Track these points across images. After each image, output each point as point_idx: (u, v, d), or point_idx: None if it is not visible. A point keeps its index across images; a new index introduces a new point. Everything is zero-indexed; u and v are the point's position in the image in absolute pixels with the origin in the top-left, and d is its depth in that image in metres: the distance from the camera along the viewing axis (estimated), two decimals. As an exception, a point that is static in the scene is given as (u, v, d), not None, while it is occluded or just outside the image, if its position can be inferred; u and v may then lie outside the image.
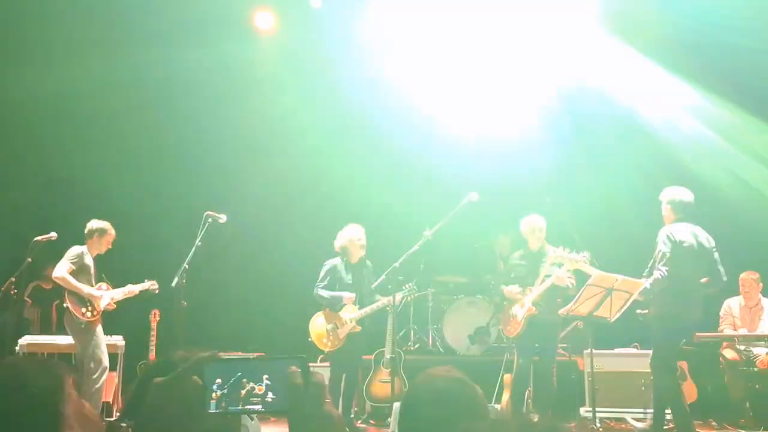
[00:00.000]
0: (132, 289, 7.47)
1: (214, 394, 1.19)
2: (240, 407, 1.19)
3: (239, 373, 1.20)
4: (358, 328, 7.33)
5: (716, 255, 6.20)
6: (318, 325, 7.37)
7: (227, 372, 1.20)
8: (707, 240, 6.22)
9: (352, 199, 9.88)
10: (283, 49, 10.01)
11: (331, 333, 7.29)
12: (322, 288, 7.41)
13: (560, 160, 9.56)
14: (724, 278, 6.22)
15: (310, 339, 7.36)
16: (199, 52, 9.08)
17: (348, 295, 7.34)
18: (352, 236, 7.45)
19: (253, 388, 1.18)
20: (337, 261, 7.50)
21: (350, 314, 7.32)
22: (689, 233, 6.17)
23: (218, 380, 1.19)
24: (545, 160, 9.47)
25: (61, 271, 7.04)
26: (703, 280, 6.14)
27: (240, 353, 8.06)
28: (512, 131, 9.61)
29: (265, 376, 1.18)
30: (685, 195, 6.36)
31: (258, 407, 1.18)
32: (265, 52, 10.22)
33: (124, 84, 9.26)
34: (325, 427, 1.14)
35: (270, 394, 1.16)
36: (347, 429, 1.23)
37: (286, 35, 9.98)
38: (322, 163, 10.30)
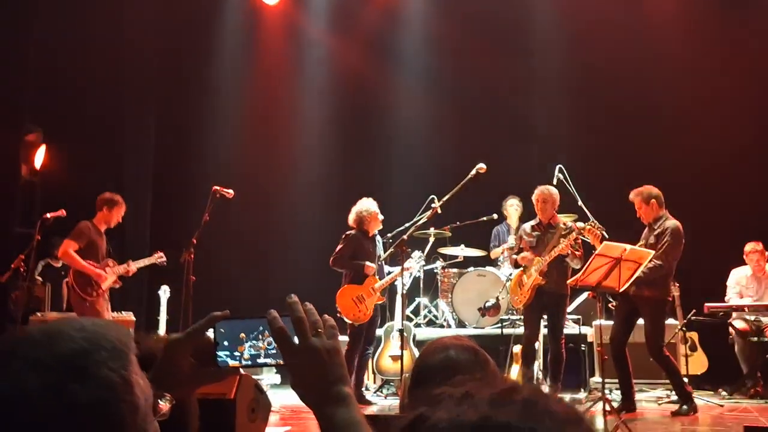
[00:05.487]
0: (130, 269, 7.23)
1: (239, 347, 1.27)
2: (263, 359, 1.27)
3: (261, 328, 1.27)
4: (383, 299, 7.34)
5: None
6: (348, 299, 7.27)
7: (247, 328, 1.28)
8: None
9: (361, 171, 9.86)
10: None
11: (360, 305, 7.23)
12: (346, 258, 7.35)
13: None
14: None
15: (339, 314, 7.08)
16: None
17: (371, 265, 7.31)
18: (372, 209, 7.40)
19: (271, 342, 1.26)
20: (356, 233, 7.46)
21: (375, 284, 7.30)
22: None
23: (242, 335, 1.27)
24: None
25: (65, 248, 6.91)
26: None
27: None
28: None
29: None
30: (655, 188, 6.63)
31: (280, 359, 1.24)
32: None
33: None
34: (310, 358, 1.16)
35: None
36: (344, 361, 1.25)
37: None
38: (331, 134, 10.27)
